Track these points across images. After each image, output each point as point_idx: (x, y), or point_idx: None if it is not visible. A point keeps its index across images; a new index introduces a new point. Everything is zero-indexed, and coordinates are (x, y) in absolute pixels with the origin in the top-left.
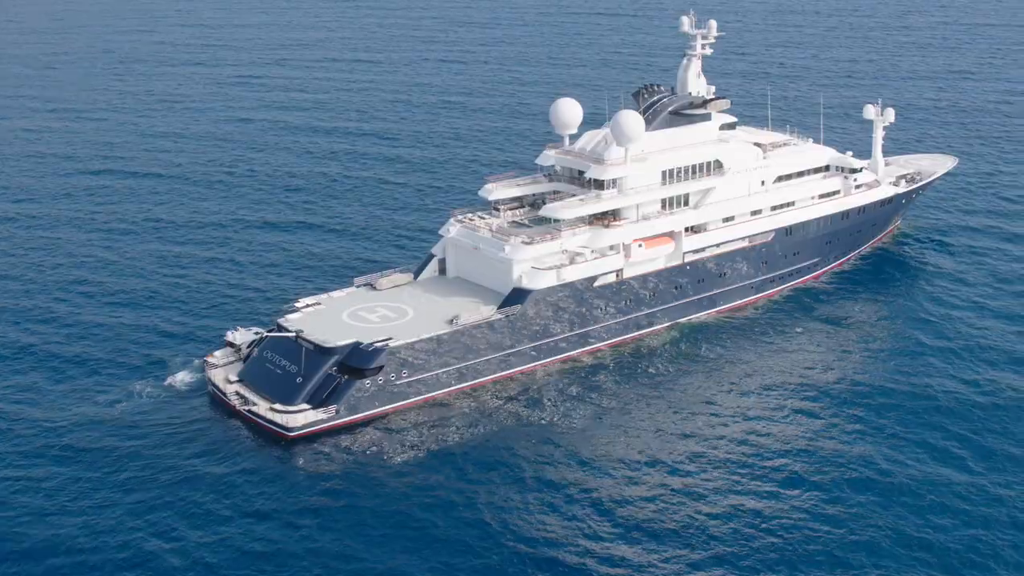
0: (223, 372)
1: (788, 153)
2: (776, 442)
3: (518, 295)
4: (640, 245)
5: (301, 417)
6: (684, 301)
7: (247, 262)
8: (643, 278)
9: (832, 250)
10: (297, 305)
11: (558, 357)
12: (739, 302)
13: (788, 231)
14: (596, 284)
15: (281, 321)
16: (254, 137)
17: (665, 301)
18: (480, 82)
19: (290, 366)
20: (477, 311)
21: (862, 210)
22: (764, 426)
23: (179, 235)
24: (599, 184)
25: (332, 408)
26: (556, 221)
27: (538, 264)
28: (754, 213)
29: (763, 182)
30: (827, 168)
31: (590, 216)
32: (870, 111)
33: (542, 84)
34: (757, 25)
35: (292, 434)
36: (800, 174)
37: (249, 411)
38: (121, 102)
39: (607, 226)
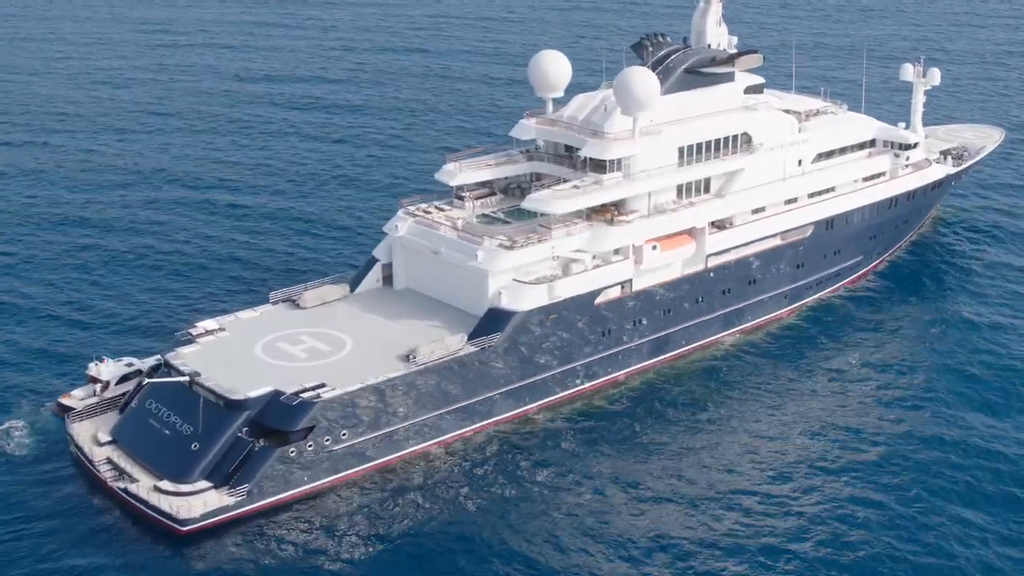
0: (91, 426)
1: (827, 124)
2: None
3: (496, 318)
4: (654, 247)
5: (198, 502)
6: (707, 318)
7: (121, 265)
8: (658, 290)
9: (876, 246)
10: (192, 332)
11: (550, 399)
12: (770, 315)
13: (829, 224)
14: (598, 301)
15: (170, 357)
16: (139, 97)
17: (683, 319)
18: (433, 32)
19: (182, 425)
20: (441, 342)
21: (911, 195)
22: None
23: (28, 226)
24: (598, 166)
25: (243, 488)
26: (544, 216)
27: (522, 276)
28: (788, 202)
29: (800, 161)
30: (872, 143)
31: (588, 209)
32: (909, 71)
33: (516, 33)
34: None
35: (185, 528)
36: (842, 151)
37: (124, 491)
38: None
39: (611, 222)
